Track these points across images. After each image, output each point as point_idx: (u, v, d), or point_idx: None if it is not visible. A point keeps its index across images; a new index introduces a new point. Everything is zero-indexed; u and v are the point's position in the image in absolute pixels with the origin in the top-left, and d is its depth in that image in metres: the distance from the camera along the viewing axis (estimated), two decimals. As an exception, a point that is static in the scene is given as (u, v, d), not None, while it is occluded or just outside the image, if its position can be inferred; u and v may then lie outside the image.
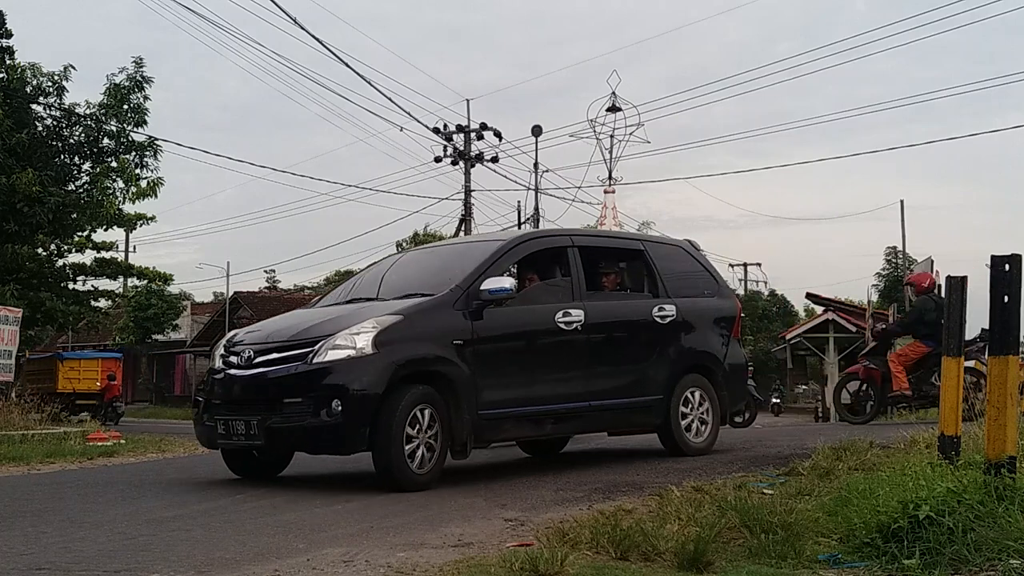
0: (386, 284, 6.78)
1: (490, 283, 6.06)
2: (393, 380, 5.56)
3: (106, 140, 17.60)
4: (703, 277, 7.98)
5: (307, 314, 6.68)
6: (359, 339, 5.60)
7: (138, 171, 17.50)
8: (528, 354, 6.50)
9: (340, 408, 5.43)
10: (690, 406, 7.34)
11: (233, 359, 6.06)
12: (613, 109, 21.47)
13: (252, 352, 5.94)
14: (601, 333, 6.82)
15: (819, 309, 33.12)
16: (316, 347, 5.66)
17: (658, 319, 7.20)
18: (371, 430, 5.47)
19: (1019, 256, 3.90)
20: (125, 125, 17.41)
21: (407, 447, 5.53)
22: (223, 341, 6.46)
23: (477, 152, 25.78)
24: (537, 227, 27.66)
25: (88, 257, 20.14)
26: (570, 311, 6.56)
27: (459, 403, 5.84)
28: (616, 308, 7.14)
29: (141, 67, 17.60)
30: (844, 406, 12.42)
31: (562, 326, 6.49)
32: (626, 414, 7.06)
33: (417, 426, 5.60)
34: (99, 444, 10.27)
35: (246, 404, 5.85)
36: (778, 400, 32.92)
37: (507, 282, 6.08)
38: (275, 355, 5.83)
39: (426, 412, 5.66)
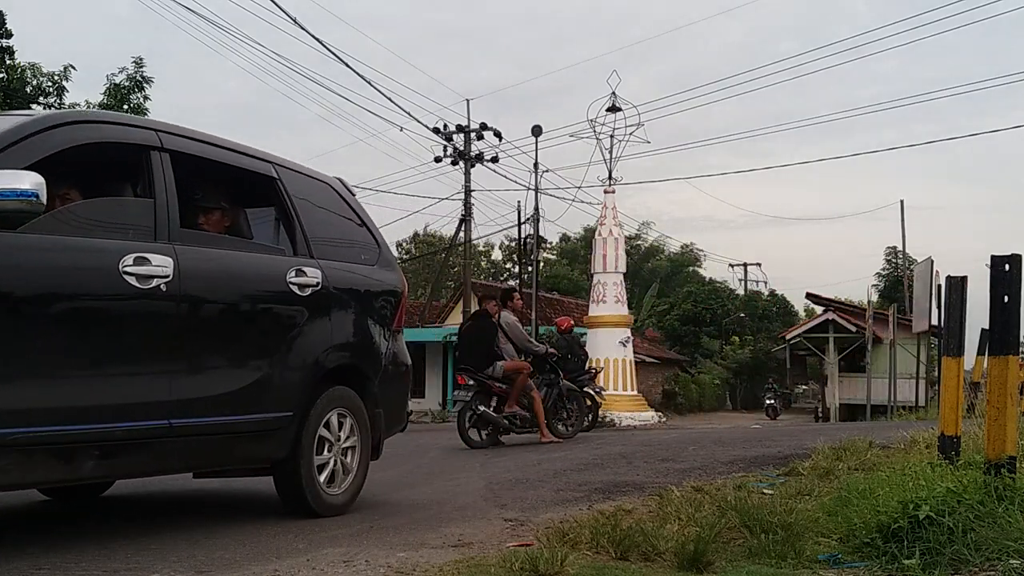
0: None
1: None
2: None
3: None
4: (360, 234, 5.29)
5: None
6: None
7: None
8: (63, 324, 3.57)
9: None
10: (330, 436, 4.68)
11: None
12: (613, 109, 21.51)
13: None
14: (203, 300, 4.09)
15: (819, 309, 33.26)
16: None
17: (295, 288, 4.54)
18: None
19: (1019, 256, 3.90)
20: (125, 125, 17.46)
21: None
22: None
23: (477, 152, 25.87)
24: (537, 229, 27.23)
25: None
26: (149, 256, 3.82)
27: None
28: (230, 261, 4.33)
29: (141, 67, 17.70)
30: None
31: (132, 281, 3.74)
32: (231, 442, 4.21)
33: None
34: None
35: None
36: (772, 401, 32.16)
37: (27, 180, 3.34)
38: None
39: None
